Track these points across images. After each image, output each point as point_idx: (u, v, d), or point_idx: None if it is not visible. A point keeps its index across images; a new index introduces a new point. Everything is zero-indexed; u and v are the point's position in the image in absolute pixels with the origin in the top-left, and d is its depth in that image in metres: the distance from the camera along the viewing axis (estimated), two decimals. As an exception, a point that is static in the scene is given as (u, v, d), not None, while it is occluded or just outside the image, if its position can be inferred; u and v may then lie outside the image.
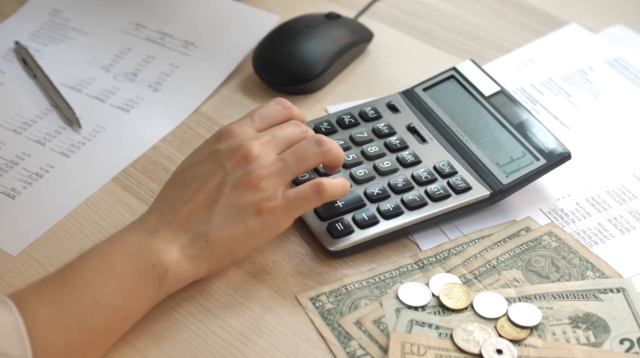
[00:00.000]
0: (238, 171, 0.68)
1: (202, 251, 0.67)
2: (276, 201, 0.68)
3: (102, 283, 0.63)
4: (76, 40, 0.93)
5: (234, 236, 0.67)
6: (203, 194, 0.68)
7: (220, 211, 0.67)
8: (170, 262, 0.65)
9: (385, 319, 0.69)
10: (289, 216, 0.69)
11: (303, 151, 0.70)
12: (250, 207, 0.67)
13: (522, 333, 0.68)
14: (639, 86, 0.89)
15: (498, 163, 0.77)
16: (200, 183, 0.68)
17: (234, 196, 0.67)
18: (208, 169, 0.69)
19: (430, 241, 0.75)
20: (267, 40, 0.89)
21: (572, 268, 0.72)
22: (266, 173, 0.68)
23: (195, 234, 0.67)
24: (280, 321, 0.69)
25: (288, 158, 0.69)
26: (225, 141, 0.70)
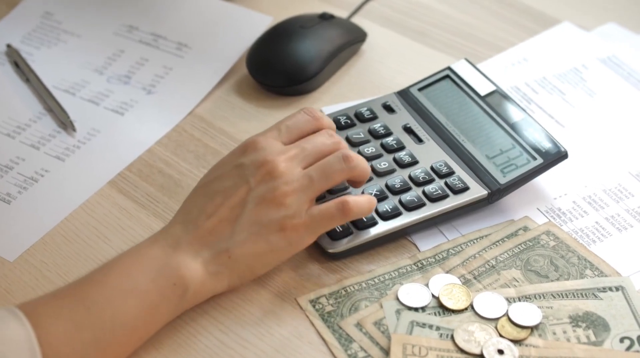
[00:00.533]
0: (262, 187, 0.67)
1: (224, 266, 0.66)
2: (300, 219, 0.67)
3: (123, 300, 0.63)
4: (69, 43, 0.92)
5: (257, 252, 0.67)
6: (226, 209, 0.67)
7: (244, 227, 0.66)
8: (191, 279, 0.65)
9: (385, 321, 0.69)
10: (313, 233, 0.68)
11: (329, 167, 0.68)
12: (274, 224, 0.66)
13: (522, 333, 0.68)
14: (633, 84, 0.89)
15: (495, 162, 0.77)
16: (223, 198, 0.67)
17: (257, 212, 0.66)
18: (232, 183, 0.68)
19: (429, 241, 0.75)
20: (261, 41, 0.89)
21: (571, 267, 0.72)
22: (291, 189, 0.67)
23: (218, 249, 0.66)
24: (281, 324, 0.69)
25: (314, 174, 0.68)
26: (250, 154, 0.68)
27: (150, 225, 0.76)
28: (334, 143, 0.70)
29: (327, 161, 0.69)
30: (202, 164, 0.81)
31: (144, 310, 0.63)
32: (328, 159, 0.69)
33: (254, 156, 0.68)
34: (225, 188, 0.67)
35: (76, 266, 0.72)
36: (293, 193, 0.67)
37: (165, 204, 0.77)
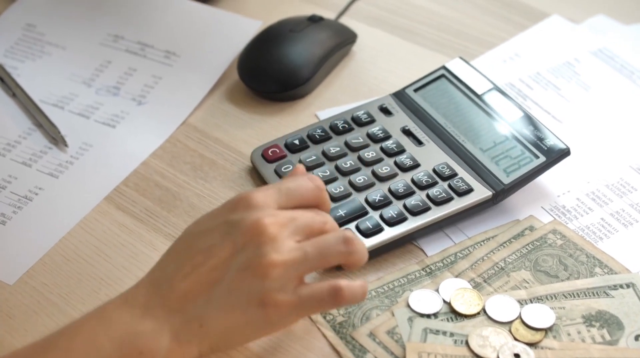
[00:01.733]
0: (249, 250, 0.60)
1: (194, 336, 0.60)
2: (285, 296, 0.60)
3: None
4: (53, 56, 0.90)
5: (231, 325, 0.60)
6: (206, 270, 0.60)
7: (221, 294, 0.59)
8: (159, 349, 0.59)
9: (398, 329, 0.68)
10: (297, 315, 0.62)
11: (327, 245, 0.62)
12: (255, 296, 0.59)
13: (537, 335, 0.67)
14: (627, 75, 0.89)
15: (497, 162, 0.76)
16: (204, 257, 0.60)
17: (239, 280, 0.59)
18: (216, 241, 0.60)
19: (436, 245, 0.74)
20: (252, 46, 0.88)
21: (580, 266, 0.72)
22: (281, 260, 0.60)
23: (189, 317, 0.60)
24: (293, 338, 0.68)
25: (309, 249, 0.61)
26: (241, 211, 0.61)
27: (151, 240, 0.74)
28: (322, 221, 0.63)
29: (326, 239, 0.62)
30: (199, 175, 0.79)
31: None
32: (327, 237, 0.62)
33: (246, 214, 0.61)
34: (208, 246, 0.60)
35: (78, 286, 0.71)
36: (282, 264, 0.60)
37: (165, 219, 0.76)
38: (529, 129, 0.78)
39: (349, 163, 0.77)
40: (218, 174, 0.80)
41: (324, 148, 0.79)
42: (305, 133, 0.80)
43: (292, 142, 0.79)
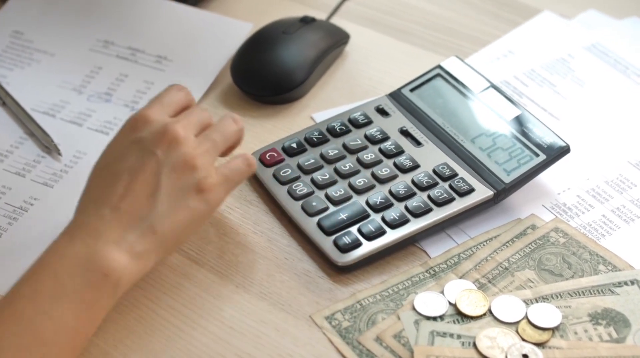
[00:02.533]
0: (171, 154, 0.66)
1: (150, 244, 0.64)
2: (213, 178, 0.67)
3: (59, 307, 0.61)
4: (42, 63, 0.89)
5: (180, 221, 0.65)
6: (140, 184, 0.65)
7: (163, 199, 0.65)
8: (121, 267, 0.62)
9: (405, 333, 0.67)
10: (227, 190, 0.69)
11: (225, 128, 0.70)
12: (192, 187, 0.66)
13: (544, 335, 0.67)
14: (621, 71, 0.89)
15: (497, 161, 0.76)
16: (132, 175, 0.65)
17: (174, 180, 0.65)
18: (136, 159, 0.65)
19: (438, 247, 0.73)
20: (245, 49, 0.87)
21: (584, 264, 0.72)
22: (198, 152, 0.67)
23: (142, 229, 0.64)
24: (298, 344, 0.67)
25: (214, 136, 0.69)
26: (144, 128, 0.67)
27: (150, 248, 0.73)
28: (209, 116, 0.71)
29: (223, 124, 0.70)
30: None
31: (82, 311, 0.61)
32: (223, 123, 0.70)
33: (150, 128, 0.67)
34: (130, 165, 0.65)
35: (78, 297, 0.70)
36: (201, 155, 0.67)
37: (163, 226, 0.75)
38: (527, 127, 0.77)
39: (348, 165, 0.77)
40: (215, 180, 0.79)
41: (322, 150, 0.78)
42: (302, 136, 0.79)
43: (290, 145, 0.79)
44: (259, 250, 0.73)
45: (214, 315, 0.69)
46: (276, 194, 0.76)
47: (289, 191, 0.75)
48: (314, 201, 0.74)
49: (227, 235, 0.74)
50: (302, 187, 0.75)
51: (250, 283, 0.71)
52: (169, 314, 0.69)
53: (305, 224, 0.73)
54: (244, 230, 0.75)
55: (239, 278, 0.71)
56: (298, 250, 0.73)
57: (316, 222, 0.73)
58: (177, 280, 0.71)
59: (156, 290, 0.70)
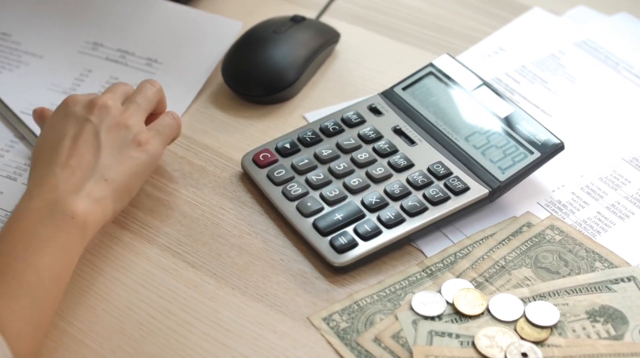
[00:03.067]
0: (104, 118, 0.72)
1: (105, 190, 0.69)
2: (146, 134, 0.73)
3: (38, 256, 0.64)
4: (31, 65, 0.88)
5: (127, 170, 0.71)
6: (82, 145, 0.70)
7: (107, 153, 0.70)
8: (84, 210, 0.67)
9: (403, 333, 0.67)
10: (162, 142, 0.74)
11: (146, 91, 0.76)
12: (130, 142, 0.72)
13: (543, 333, 0.67)
14: (612, 66, 0.89)
15: (492, 159, 0.76)
16: (72, 139, 0.71)
17: (112, 138, 0.71)
18: (71, 127, 0.72)
19: (434, 246, 0.73)
20: (236, 49, 0.86)
21: (580, 261, 0.72)
22: (128, 114, 0.73)
23: (95, 178, 0.69)
24: (296, 345, 0.67)
25: (138, 100, 0.75)
26: (73, 105, 0.73)
27: (145, 252, 0.73)
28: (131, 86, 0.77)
29: (143, 87, 0.76)
30: (189, 183, 0.78)
31: (58, 256, 0.65)
32: (142, 87, 0.76)
33: (80, 103, 0.73)
34: (67, 133, 0.71)
35: (72, 302, 0.69)
36: (131, 116, 0.73)
37: (157, 229, 0.74)
38: (521, 125, 0.77)
39: (342, 165, 0.76)
40: (209, 181, 0.78)
41: (316, 150, 0.78)
42: (295, 136, 0.79)
43: (283, 146, 0.78)
44: (254, 252, 0.73)
45: (211, 317, 0.68)
46: (270, 195, 0.75)
47: (283, 192, 0.75)
48: (308, 201, 0.74)
49: (221, 237, 0.74)
50: (296, 188, 0.75)
51: (246, 285, 0.70)
52: (165, 317, 0.68)
53: (301, 225, 0.73)
54: (239, 232, 0.74)
55: (235, 280, 0.71)
56: (293, 250, 0.73)
57: (311, 223, 0.73)
58: (172, 283, 0.70)
59: (151, 293, 0.70)
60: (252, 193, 0.77)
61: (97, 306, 0.69)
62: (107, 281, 0.71)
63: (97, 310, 0.69)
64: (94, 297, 0.70)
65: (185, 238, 0.74)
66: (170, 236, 0.74)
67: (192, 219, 0.75)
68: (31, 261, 0.64)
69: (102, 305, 0.69)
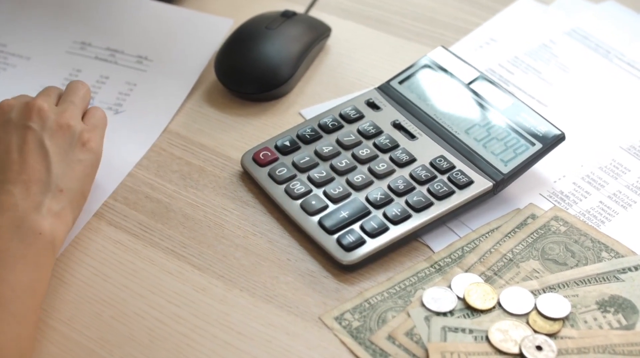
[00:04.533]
0: (44, 123, 0.71)
1: (63, 201, 0.69)
2: (88, 132, 0.72)
3: (11, 271, 0.64)
4: (18, 67, 0.86)
5: (79, 175, 0.70)
6: (30, 156, 0.69)
7: (56, 161, 0.70)
8: (49, 226, 0.67)
9: (417, 330, 0.67)
10: (101, 136, 0.74)
11: (78, 90, 0.75)
12: (75, 144, 0.71)
13: (555, 325, 0.67)
14: (603, 54, 0.89)
15: (493, 152, 0.75)
16: (18, 150, 0.69)
17: (56, 143, 0.70)
18: (13, 136, 0.70)
19: (441, 241, 0.73)
20: (228, 46, 0.85)
21: (587, 251, 0.72)
22: (67, 114, 0.72)
23: (51, 191, 0.68)
24: (310, 346, 0.66)
25: (73, 99, 0.74)
26: (9, 111, 0.72)
27: (149, 255, 0.71)
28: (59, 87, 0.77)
29: (74, 88, 0.75)
30: (189, 184, 0.77)
31: (31, 271, 0.65)
32: (73, 87, 0.75)
33: (15, 109, 0.72)
34: (10, 143, 0.70)
35: (79, 310, 0.68)
36: (71, 116, 0.72)
37: (160, 232, 0.73)
38: (521, 117, 0.77)
39: (344, 161, 0.76)
40: (209, 182, 0.77)
41: (316, 147, 0.77)
42: (294, 134, 0.78)
43: (283, 144, 0.77)
44: (260, 252, 0.72)
45: (221, 320, 0.67)
46: (273, 194, 0.75)
47: (286, 191, 0.74)
48: (312, 199, 0.73)
49: (226, 238, 0.73)
50: (299, 186, 0.74)
51: (254, 286, 0.70)
52: (175, 322, 0.67)
53: (306, 223, 0.72)
54: (243, 232, 0.73)
55: (243, 281, 0.70)
56: (300, 250, 0.72)
57: (317, 221, 0.72)
58: (179, 287, 0.69)
59: (159, 298, 0.69)
60: (253, 192, 0.77)
61: (105, 313, 0.68)
62: (113, 287, 0.69)
63: (104, 317, 0.68)
64: (101, 304, 0.68)
65: (189, 240, 0.73)
66: (173, 239, 0.73)
67: (195, 221, 0.74)
68: (5, 277, 0.64)
69: (109, 312, 0.68)
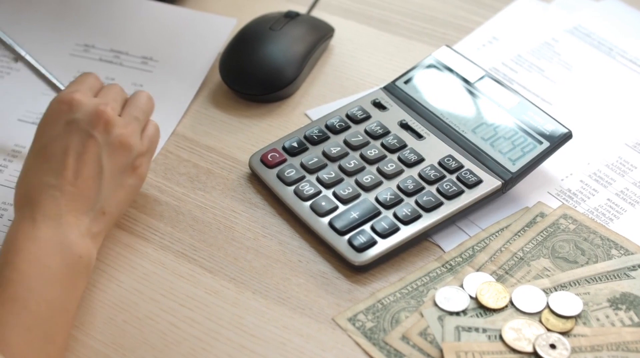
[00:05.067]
0: (108, 136, 0.69)
1: (103, 224, 0.69)
2: (144, 155, 0.72)
3: (49, 288, 0.64)
4: (22, 71, 0.85)
5: (122, 199, 0.70)
6: (85, 166, 0.68)
7: (108, 181, 0.69)
8: (88, 251, 0.67)
9: (430, 330, 0.67)
10: (150, 161, 0.74)
11: (144, 104, 0.73)
12: (129, 167, 0.70)
13: (568, 323, 0.67)
14: (606, 52, 0.89)
15: (501, 150, 0.76)
16: (75, 156, 0.68)
17: (113, 162, 0.69)
18: (76, 140, 0.68)
19: (451, 240, 0.73)
20: (233, 48, 0.85)
21: (597, 249, 0.72)
22: (129, 131, 0.70)
23: (95, 212, 0.68)
24: (324, 348, 0.66)
25: (137, 114, 0.72)
26: (77, 109, 0.70)
27: (159, 259, 0.71)
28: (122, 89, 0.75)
29: (139, 100, 0.74)
30: (197, 186, 0.77)
31: (67, 290, 0.65)
32: (138, 99, 0.74)
33: (84, 109, 0.69)
34: (69, 147, 0.68)
35: (92, 314, 0.68)
36: (132, 133, 0.71)
37: (170, 235, 0.73)
38: (528, 115, 0.77)
39: (352, 162, 0.76)
40: (217, 184, 0.77)
41: (324, 148, 0.77)
42: (302, 134, 0.78)
43: (291, 145, 0.77)
44: (271, 254, 0.72)
45: (235, 323, 0.67)
46: (283, 195, 0.75)
47: (295, 192, 0.74)
48: (322, 200, 0.73)
49: (236, 240, 0.73)
50: (308, 187, 0.74)
51: (266, 289, 0.70)
52: (188, 326, 0.67)
53: (317, 225, 0.72)
54: (253, 234, 0.73)
55: (255, 283, 0.70)
56: (311, 251, 0.72)
57: (327, 222, 0.72)
58: (191, 290, 0.69)
59: (171, 302, 0.69)
60: (262, 194, 0.77)
61: (117, 317, 0.68)
62: (125, 291, 0.69)
63: (117, 321, 0.68)
64: (113, 308, 0.68)
65: (199, 243, 0.73)
66: (184, 242, 0.73)
67: (205, 223, 0.74)
68: (43, 294, 0.63)
69: (122, 316, 0.68)
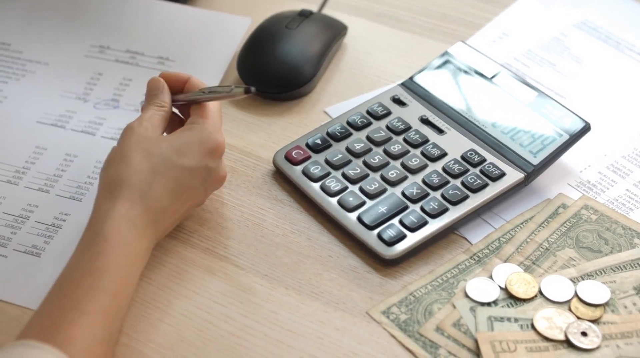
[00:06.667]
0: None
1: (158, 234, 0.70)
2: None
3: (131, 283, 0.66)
4: (38, 73, 0.85)
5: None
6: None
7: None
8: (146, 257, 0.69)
9: (463, 320, 0.68)
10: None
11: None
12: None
13: (597, 311, 0.68)
14: (614, 46, 0.91)
15: (521, 143, 0.77)
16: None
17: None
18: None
19: (477, 232, 0.74)
20: (249, 47, 0.85)
21: (619, 238, 0.73)
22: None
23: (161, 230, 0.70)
24: (361, 341, 0.67)
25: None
26: (216, 159, 0.71)
27: (190, 257, 0.72)
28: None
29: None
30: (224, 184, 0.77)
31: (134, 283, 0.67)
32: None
33: (218, 165, 0.72)
34: (190, 187, 0.70)
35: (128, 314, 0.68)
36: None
37: (198, 233, 0.74)
38: (546, 108, 0.79)
39: (377, 158, 0.77)
40: (242, 182, 0.78)
41: (348, 144, 0.78)
42: (324, 131, 0.79)
43: (315, 142, 0.78)
44: (301, 250, 0.73)
45: (270, 319, 0.68)
46: (309, 191, 0.75)
47: (322, 188, 0.75)
48: (349, 196, 0.74)
49: (265, 237, 0.74)
50: (335, 183, 0.75)
51: (299, 284, 0.70)
52: (224, 323, 0.68)
53: (345, 220, 0.73)
54: (282, 231, 0.74)
55: (287, 279, 0.71)
56: (340, 246, 0.73)
57: (356, 217, 0.73)
58: (225, 287, 0.70)
59: (206, 300, 0.69)
60: (287, 190, 0.77)
61: (152, 315, 0.68)
62: (158, 290, 0.70)
63: (152, 319, 0.68)
64: (146, 306, 0.69)
65: (228, 240, 0.73)
66: (213, 240, 0.73)
67: (233, 221, 0.75)
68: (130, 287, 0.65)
69: (156, 315, 0.68)
